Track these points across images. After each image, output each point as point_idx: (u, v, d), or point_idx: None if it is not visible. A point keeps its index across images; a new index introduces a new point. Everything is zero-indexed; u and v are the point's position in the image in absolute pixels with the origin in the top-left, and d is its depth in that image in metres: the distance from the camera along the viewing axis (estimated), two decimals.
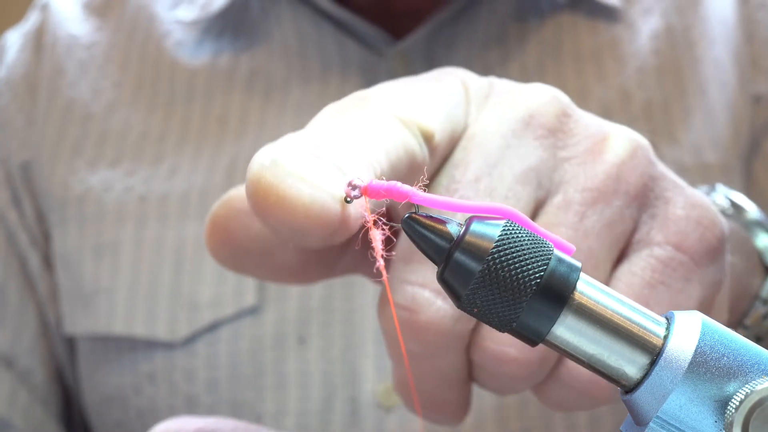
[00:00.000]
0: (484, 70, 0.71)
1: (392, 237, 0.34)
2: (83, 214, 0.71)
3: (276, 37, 0.74)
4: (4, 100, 0.77)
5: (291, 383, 0.67)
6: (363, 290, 0.67)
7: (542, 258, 0.30)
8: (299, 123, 0.70)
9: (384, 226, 0.33)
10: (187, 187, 0.70)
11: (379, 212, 0.33)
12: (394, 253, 0.34)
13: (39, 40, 0.78)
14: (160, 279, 0.69)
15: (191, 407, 0.67)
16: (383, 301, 0.40)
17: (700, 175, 0.71)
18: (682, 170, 0.69)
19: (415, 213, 0.31)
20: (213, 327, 0.67)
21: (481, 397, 0.64)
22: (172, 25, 0.76)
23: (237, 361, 0.67)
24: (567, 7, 0.75)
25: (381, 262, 0.32)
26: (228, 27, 0.75)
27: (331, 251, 0.43)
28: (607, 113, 0.69)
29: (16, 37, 0.81)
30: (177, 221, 0.69)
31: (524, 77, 0.71)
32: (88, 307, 0.70)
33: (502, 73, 0.70)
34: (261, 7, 0.75)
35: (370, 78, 0.71)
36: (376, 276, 0.33)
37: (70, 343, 0.74)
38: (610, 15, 0.75)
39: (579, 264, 0.31)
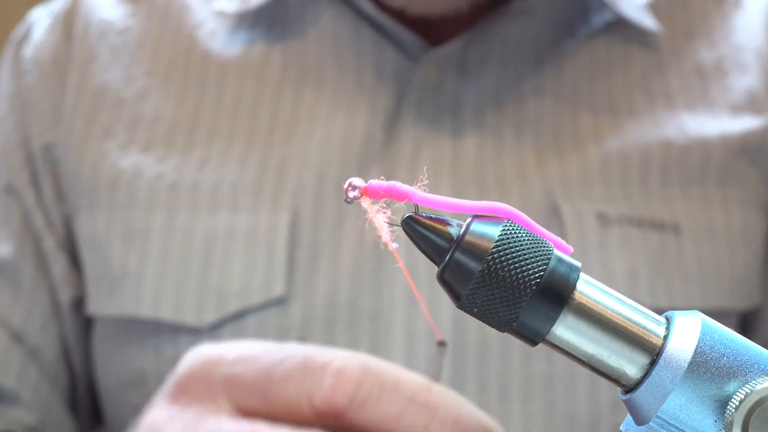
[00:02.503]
0: (518, 99, 0.71)
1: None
2: (114, 199, 0.72)
3: (311, 33, 0.74)
4: (31, 80, 0.77)
5: None
6: (392, 290, 0.67)
7: (542, 258, 0.30)
8: (330, 122, 0.71)
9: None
10: (218, 179, 0.70)
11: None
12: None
13: (69, 24, 0.78)
14: (189, 268, 0.69)
15: None
16: None
17: None
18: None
19: (415, 213, 0.31)
20: (240, 315, 0.67)
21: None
22: (205, 15, 0.76)
23: None
24: (603, 32, 0.74)
25: (387, 238, 0.32)
26: (263, 19, 0.75)
27: None
28: (645, 151, 0.69)
29: (43, 15, 0.80)
30: (207, 212, 0.69)
31: (558, 109, 0.71)
32: (114, 289, 0.70)
33: (536, 104, 0.71)
34: (299, 2, 0.75)
35: (402, 82, 0.71)
36: None
37: (87, 325, 0.74)
38: (645, 40, 0.74)
39: (579, 264, 0.31)
